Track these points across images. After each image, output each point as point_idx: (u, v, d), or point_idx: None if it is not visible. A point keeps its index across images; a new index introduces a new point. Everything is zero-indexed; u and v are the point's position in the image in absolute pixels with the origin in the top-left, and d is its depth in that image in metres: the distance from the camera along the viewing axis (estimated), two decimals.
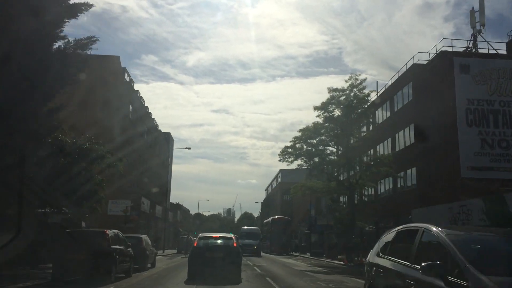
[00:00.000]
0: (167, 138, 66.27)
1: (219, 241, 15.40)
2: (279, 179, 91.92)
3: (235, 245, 15.19)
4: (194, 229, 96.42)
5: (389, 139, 35.00)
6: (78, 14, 12.16)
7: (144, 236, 18.94)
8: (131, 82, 41.82)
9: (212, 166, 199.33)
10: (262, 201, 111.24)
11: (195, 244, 15.34)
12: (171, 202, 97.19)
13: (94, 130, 32.87)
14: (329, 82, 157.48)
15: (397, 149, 32.78)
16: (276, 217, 53.59)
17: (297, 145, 31.29)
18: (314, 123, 31.34)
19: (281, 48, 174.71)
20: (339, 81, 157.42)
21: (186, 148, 52.10)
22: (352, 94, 30.14)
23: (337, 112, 31.26)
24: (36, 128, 11.98)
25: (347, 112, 30.53)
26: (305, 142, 31.60)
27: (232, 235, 16.61)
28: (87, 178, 16.57)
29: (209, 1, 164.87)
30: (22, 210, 11.68)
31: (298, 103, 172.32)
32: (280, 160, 31.86)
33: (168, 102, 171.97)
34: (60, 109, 13.23)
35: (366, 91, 30.43)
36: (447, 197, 24.32)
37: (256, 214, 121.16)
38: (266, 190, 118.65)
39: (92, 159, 16.87)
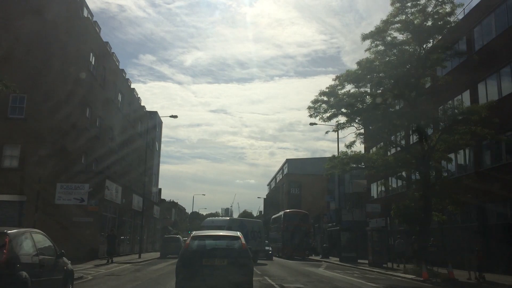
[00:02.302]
0: (154, 118, 54.96)
1: (220, 242, 10.87)
2: (286, 170, 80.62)
3: (243, 247, 10.41)
4: (189, 227, 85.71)
5: (467, 92, 23.78)
6: None
7: (17, 233, 7.55)
8: (95, 26, 30.43)
9: (210, 166, 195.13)
10: (265, 196, 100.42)
11: (185, 246, 10.52)
12: (164, 199, 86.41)
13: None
14: (328, 82, 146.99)
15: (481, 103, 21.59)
16: (288, 210, 41.67)
17: (339, 92, 20.03)
18: (363, 59, 20.12)
19: (279, 47, 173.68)
20: None
21: (171, 116, 36.62)
22: (429, 9, 18.92)
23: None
24: None
25: (418, 40, 19.32)
26: (348, 94, 20.34)
27: (239, 234, 11.26)
28: None
29: (207, 1, 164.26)
30: None
31: (297, 103, 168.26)
32: (311, 115, 20.61)
33: (166, 102, 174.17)
34: None
35: (447, 7, 19.14)
36: None
37: (255, 213, 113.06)
38: (269, 185, 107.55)
39: None
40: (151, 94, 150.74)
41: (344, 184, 78.26)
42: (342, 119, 21.07)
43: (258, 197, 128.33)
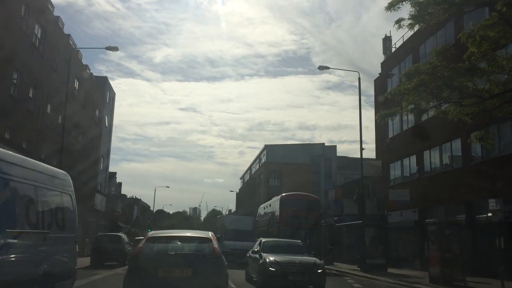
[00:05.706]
0: (103, 85, 43.00)
1: (184, 246, 8.46)
2: (264, 159, 69.78)
3: (215, 252, 8.11)
4: (151, 226, 74.48)
5: None
6: None
7: None
8: None
9: (179, 165, 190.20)
10: (238, 191, 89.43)
11: (137, 251, 8.16)
12: (125, 195, 74.11)
13: None
14: (297, 82, 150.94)
15: None
16: (286, 194, 27.66)
17: None
18: None
19: (250, 46, 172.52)
20: (307, 82, 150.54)
21: (108, 48, 23.52)
22: None
23: None
24: None
25: None
26: None
27: (210, 235, 8.65)
28: None
29: None
30: None
31: (267, 103, 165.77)
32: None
33: (134, 99, 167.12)
34: None
35: None
36: None
37: (224, 212, 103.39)
38: (242, 178, 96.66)
39: None
40: (119, 91, 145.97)
41: (330, 175, 68.46)
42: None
43: (230, 191, 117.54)
